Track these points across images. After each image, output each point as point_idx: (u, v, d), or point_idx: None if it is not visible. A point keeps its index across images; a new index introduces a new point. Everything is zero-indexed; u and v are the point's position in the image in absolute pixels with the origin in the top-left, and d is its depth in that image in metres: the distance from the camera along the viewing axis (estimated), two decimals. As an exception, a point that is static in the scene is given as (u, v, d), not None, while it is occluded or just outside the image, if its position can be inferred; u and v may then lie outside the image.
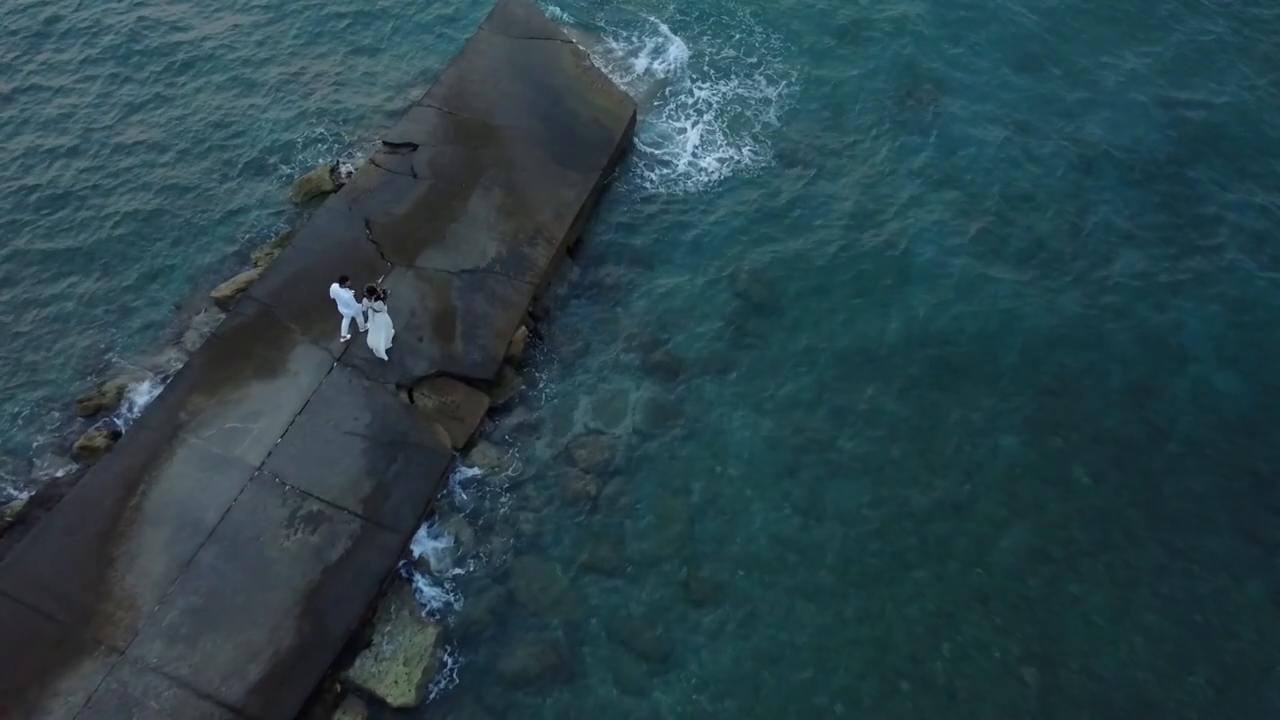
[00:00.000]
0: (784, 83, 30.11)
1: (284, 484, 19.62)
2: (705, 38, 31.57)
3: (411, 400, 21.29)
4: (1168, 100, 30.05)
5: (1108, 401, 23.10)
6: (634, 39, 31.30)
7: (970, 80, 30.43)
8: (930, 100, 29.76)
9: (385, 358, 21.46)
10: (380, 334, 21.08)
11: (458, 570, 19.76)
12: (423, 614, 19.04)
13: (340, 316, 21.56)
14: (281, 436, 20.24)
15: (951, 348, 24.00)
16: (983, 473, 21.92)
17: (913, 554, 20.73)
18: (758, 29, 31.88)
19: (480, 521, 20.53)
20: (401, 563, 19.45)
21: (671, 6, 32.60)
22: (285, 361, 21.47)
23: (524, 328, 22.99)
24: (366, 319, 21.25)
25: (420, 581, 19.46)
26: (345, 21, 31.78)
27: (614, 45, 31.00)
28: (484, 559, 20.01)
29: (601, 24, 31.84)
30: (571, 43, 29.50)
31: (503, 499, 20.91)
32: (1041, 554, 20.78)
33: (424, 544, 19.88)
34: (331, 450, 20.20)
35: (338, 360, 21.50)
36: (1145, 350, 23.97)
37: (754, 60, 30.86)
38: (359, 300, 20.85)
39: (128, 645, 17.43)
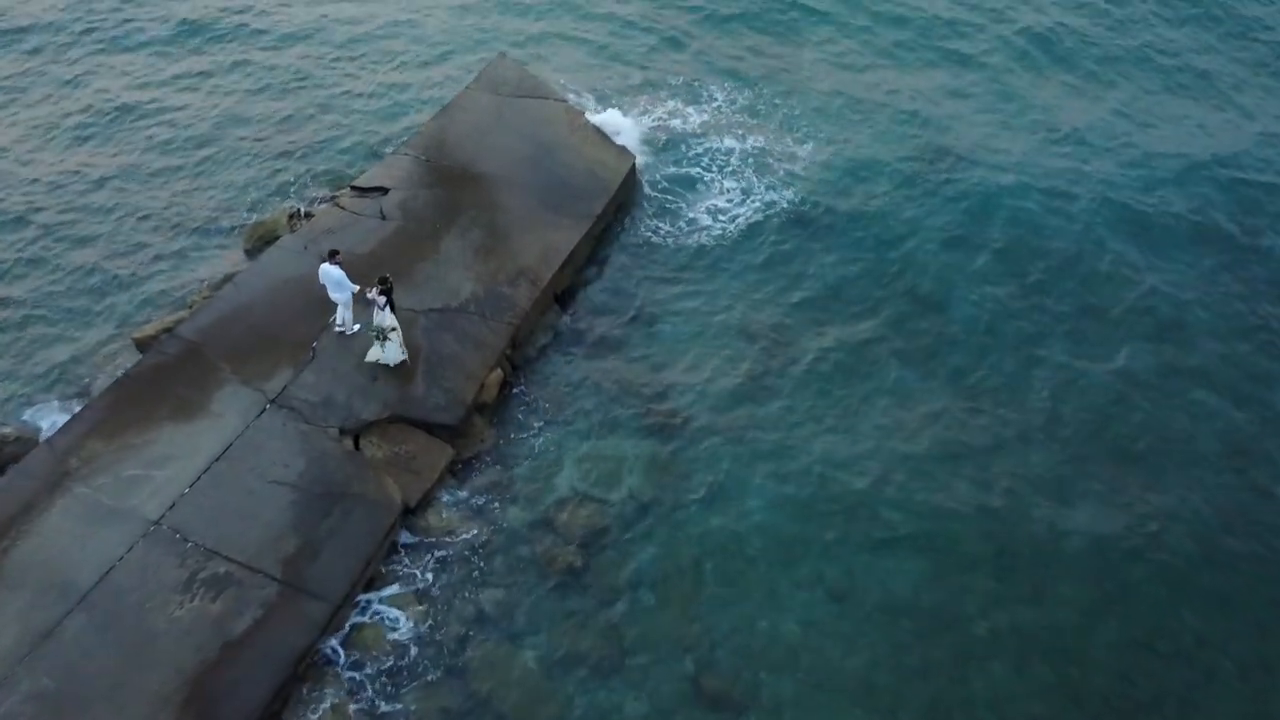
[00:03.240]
0: (804, 143, 27.37)
1: (186, 540, 15.43)
2: (721, 97, 29.16)
3: (358, 448, 17.34)
4: (1218, 168, 27.42)
5: (1202, 467, 19.15)
6: (645, 102, 28.85)
7: (1001, 146, 27.84)
8: (960, 165, 27.05)
9: (393, 362, 18.48)
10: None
11: (401, 653, 15.26)
12: (351, 709, 14.42)
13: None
14: (190, 486, 16.18)
15: (1008, 410, 20.19)
16: (1060, 548, 17.72)
17: (983, 646, 16.28)
18: (775, 93, 29.50)
19: (434, 595, 16.15)
20: (328, 640, 15.01)
21: (685, 69, 30.46)
22: (207, 403, 17.64)
23: (500, 371, 19.25)
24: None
25: (351, 665, 14.92)
26: (315, 84, 29.55)
27: (619, 106, 28.34)
28: (436, 642, 15.53)
29: (604, 88, 29.48)
30: (565, 101, 27.06)
31: (465, 570, 16.61)
32: (1147, 647, 16.35)
33: (359, 618, 15.47)
34: (251, 502, 16.09)
35: (272, 401, 17.67)
36: (1238, 410, 20.23)
37: (772, 122, 28.25)
38: (365, 287, 18.03)
39: (-56, 741, 12.92)
